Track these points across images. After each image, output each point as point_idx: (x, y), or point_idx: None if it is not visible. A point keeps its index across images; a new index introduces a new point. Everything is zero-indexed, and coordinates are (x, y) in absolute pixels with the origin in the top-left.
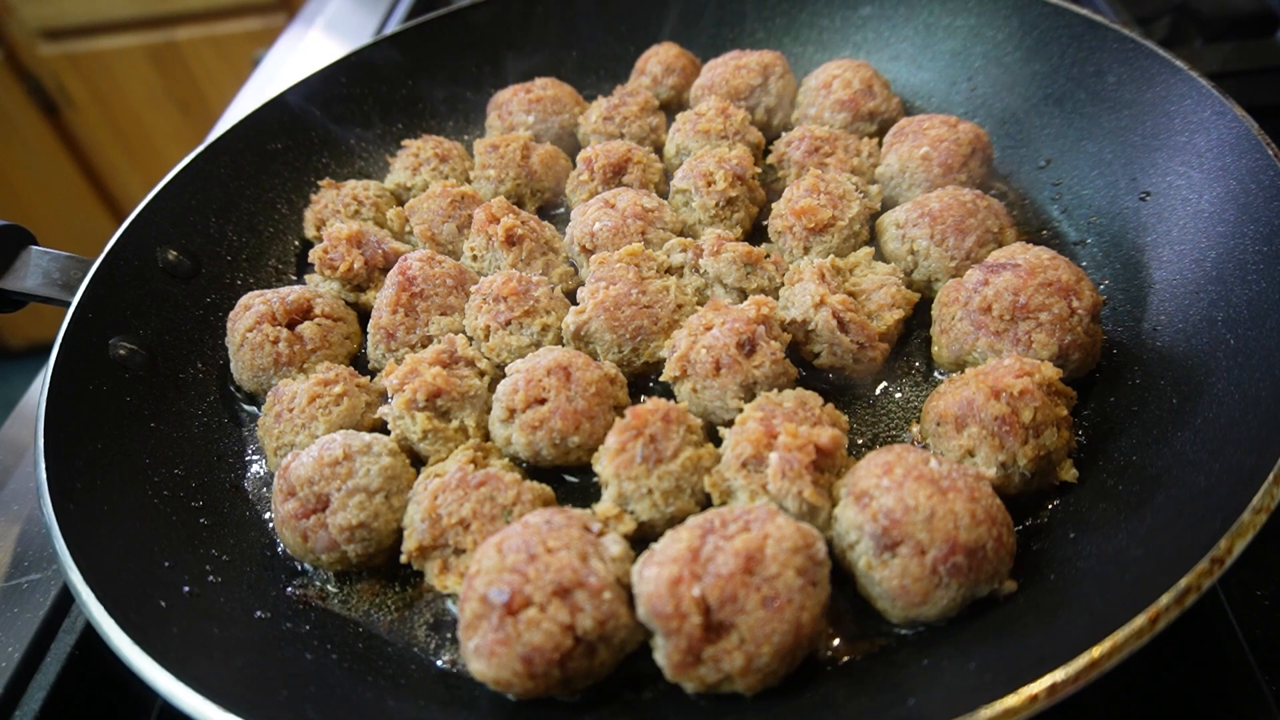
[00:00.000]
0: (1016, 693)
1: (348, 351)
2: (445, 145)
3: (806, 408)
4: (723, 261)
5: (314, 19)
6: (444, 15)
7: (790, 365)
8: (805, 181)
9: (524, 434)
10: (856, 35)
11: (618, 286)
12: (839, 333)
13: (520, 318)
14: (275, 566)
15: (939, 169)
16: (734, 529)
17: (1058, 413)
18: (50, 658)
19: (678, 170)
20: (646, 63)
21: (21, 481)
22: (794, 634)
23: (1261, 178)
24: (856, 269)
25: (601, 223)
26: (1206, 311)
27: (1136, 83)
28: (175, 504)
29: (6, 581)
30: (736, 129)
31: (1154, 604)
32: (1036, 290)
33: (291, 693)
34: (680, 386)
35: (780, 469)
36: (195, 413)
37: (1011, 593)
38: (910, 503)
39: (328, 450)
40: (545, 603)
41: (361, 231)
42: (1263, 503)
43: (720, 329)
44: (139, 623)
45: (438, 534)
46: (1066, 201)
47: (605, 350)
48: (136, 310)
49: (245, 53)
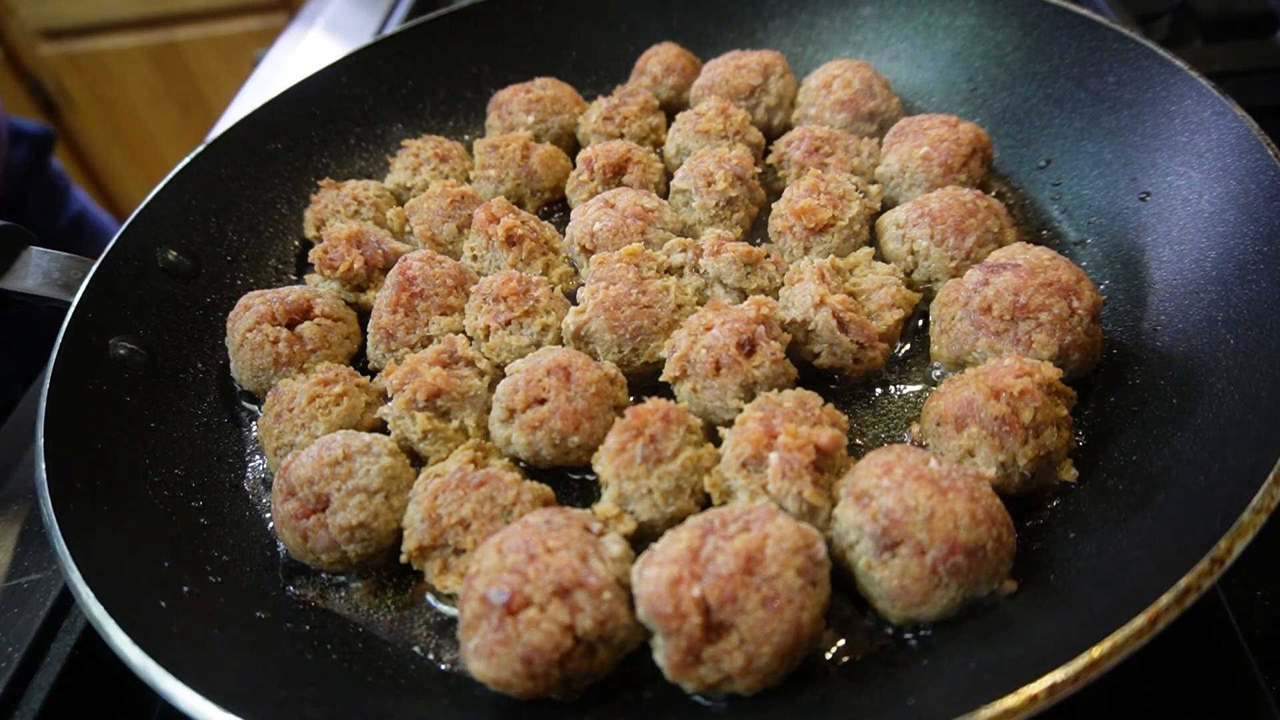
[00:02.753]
0: (1016, 693)
1: (348, 351)
2: (445, 145)
3: (806, 408)
4: (723, 261)
5: (314, 19)
6: (444, 15)
7: (790, 365)
8: (805, 181)
9: (524, 434)
10: (856, 35)
11: (618, 286)
12: (839, 333)
13: (520, 318)
14: (275, 566)
15: (939, 169)
16: (734, 529)
17: (1058, 413)
18: (50, 658)
19: (678, 170)
20: (646, 63)
21: (21, 481)
22: (794, 634)
23: (1261, 178)
24: (856, 269)
25: (601, 223)
26: (1206, 311)
27: (1136, 83)
28: (175, 504)
29: (6, 581)
30: (736, 129)
31: (1154, 604)
32: (1036, 290)
33: (291, 693)
34: (680, 386)
35: (780, 469)
36: (195, 413)
37: (1011, 593)
38: (910, 503)
39: (328, 450)
40: (545, 603)
41: (361, 231)
42: (1263, 503)
43: (720, 329)
44: (139, 623)
45: (438, 534)
46: (1066, 201)
47: (605, 350)
48: (136, 310)
49: (245, 53)
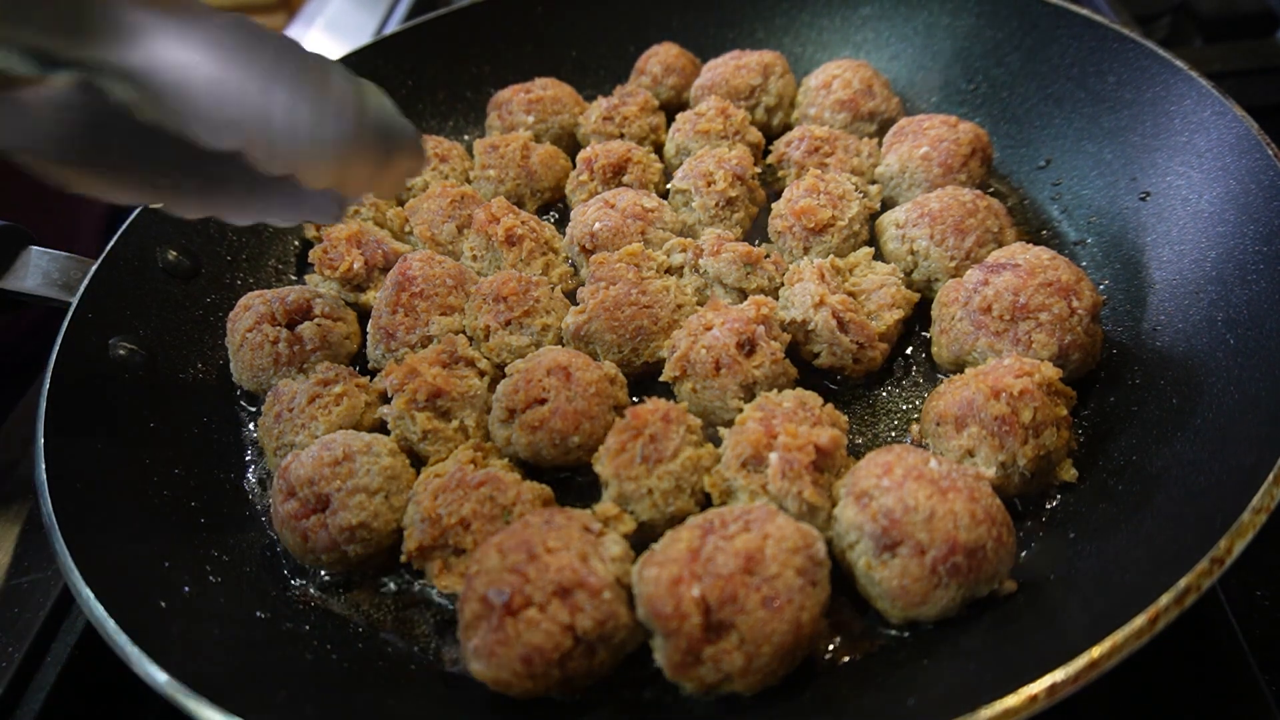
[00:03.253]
0: (1016, 693)
1: (348, 351)
2: (445, 145)
3: (806, 408)
4: (723, 261)
5: (314, 19)
6: (444, 15)
7: (790, 365)
8: (805, 181)
9: (524, 434)
10: (856, 35)
11: (618, 287)
12: (839, 333)
13: (520, 318)
14: (275, 566)
15: (939, 169)
16: (734, 529)
17: (1057, 413)
18: (50, 658)
19: (677, 170)
20: (646, 63)
21: (21, 481)
22: (794, 634)
23: (1261, 178)
24: (856, 269)
25: (602, 222)
26: (1206, 311)
27: (1136, 83)
28: (175, 504)
29: (6, 581)
30: (736, 129)
31: (1154, 604)
32: (1036, 290)
33: (291, 693)
34: (680, 386)
35: (780, 469)
36: (195, 413)
37: (1011, 593)
38: (910, 503)
39: (328, 450)
40: (545, 603)
41: (361, 231)
42: (1263, 503)
43: (720, 329)
44: (139, 623)
45: (438, 534)
46: (1066, 201)
47: (606, 350)
48: (136, 310)
49: None
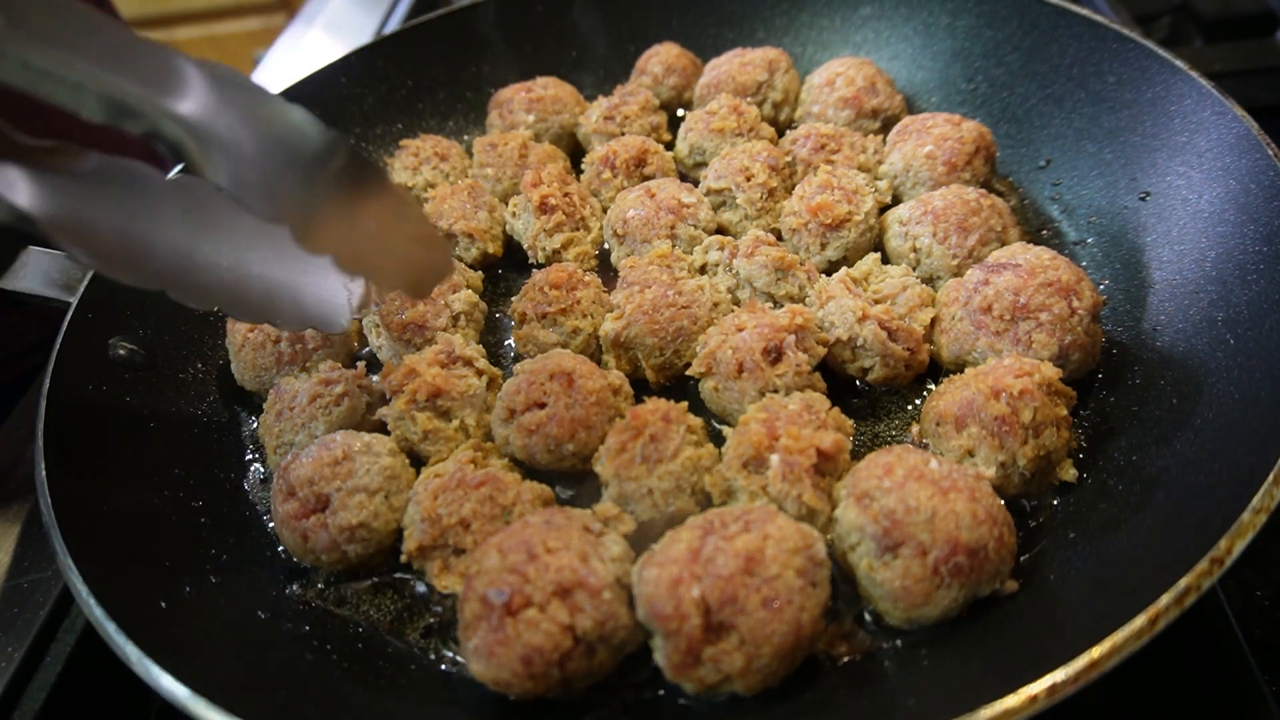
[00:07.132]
0: (1016, 693)
1: (348, 351)
2: (444, 144)
3: (812, 410)
4: (755, 264)
5: (314, 19)
6: (444, 15)
7: (820, 380)
8: (817, 178)
9: (520, 436)
10: (856, 35)
11: (653, 290)
12: (890, 343)
13: (556, 314)
14: (275, 566)
15: (943, 167)
16: (734, 529)
17: (1057, 413)
18: (50, 658)
19: (706, 172)
20: (647, 62)
21: (21, 481)
22: (794, 634)
23: (1261, 178)
24: (870, 276)
25: (635, 211)
26: (1206, 311)
27: (1136, 83)
28: (175, 504)
29: (6, 581)
30: (750, 125)
31: (1154, 604)
32: (1037, 290)
33: (291, 693)
34: (704, 383)
35: (781, 471)
36: (195, 413)
37: (1012, 593)
38: (911, 504)
39: (328, 450)
40: (545, 603)
41: None
42: (1263, 503)
43: (750, 331)
44: (139, 623)
45: (438, 534)
46: (1066, 201)
47: (647, 355)
48: (136, 310)
49: (245, 53)
